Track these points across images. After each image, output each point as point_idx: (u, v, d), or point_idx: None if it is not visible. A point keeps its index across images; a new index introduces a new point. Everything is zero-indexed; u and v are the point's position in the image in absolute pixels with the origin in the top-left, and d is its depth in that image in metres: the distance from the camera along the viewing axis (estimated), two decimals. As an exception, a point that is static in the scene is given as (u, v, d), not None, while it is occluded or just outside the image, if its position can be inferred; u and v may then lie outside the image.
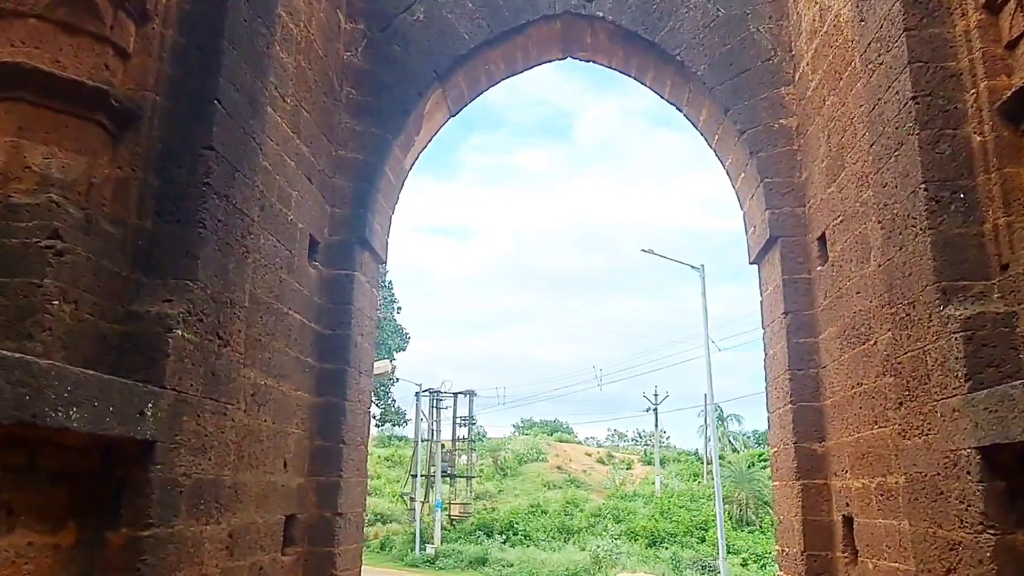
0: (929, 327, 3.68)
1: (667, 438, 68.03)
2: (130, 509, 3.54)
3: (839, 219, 5.74)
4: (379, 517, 46.08)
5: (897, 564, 4.78)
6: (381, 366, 22.72)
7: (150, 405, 3.51)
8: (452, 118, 7.49)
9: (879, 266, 4.90)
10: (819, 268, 6.28)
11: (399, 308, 36.78)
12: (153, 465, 3.56)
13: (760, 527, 36.94)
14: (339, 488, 6.26)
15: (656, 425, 50.13)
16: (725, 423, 67.75)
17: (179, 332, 3.71)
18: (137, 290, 3.79)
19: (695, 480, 50.79)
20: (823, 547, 5.94)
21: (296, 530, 5.98)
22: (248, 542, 5.00)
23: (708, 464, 53.29)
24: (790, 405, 6.29)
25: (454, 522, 40.77)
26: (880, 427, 5.02)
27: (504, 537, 37.76)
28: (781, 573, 6.52)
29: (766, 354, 7.15)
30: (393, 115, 6.81)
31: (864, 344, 5.30)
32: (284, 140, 5.54)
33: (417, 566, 35.11)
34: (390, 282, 36.44)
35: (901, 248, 3.95)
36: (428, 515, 39.06)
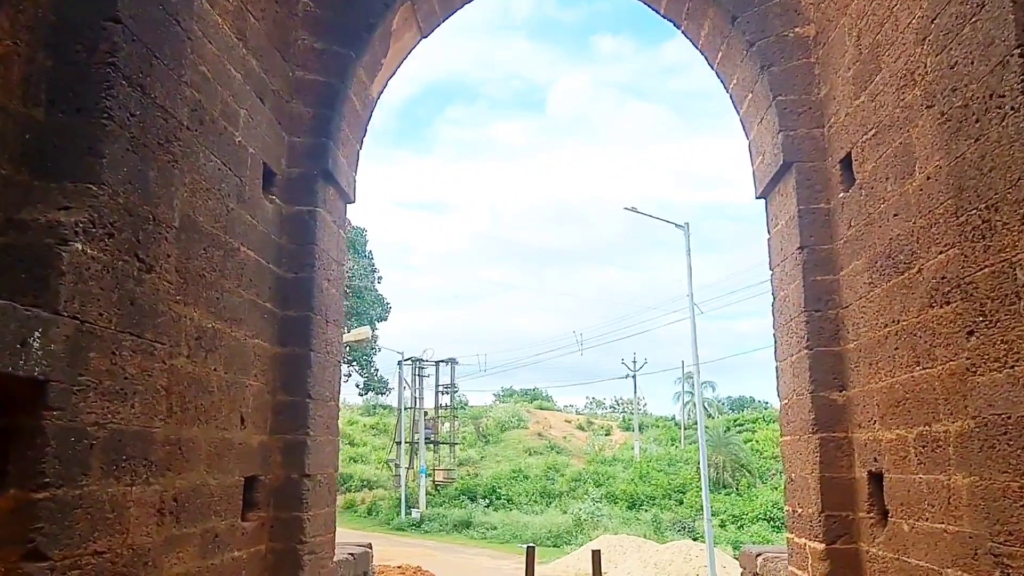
0: (1022, 232, 2.86)
1: (644, 405, 67.84)
2: (19, 465, 2.67)
3: (871, 133, 4.90)
4: (365, 483, 45.53)
5: (944, 525, 4.01)
6: (361, 332, 21.84)
7: (37, 334, 2.63)
8: (423, 40, 6.54)
9: (931, 176, 4.08)
10: (841, 195, 5.45)
11: (380, 278, 35.83)
12: (47, 410, 2.69)
13: (737, 490, 36.68)
14: (306, 447, 5.41)
15: (635, 391, 49.65)
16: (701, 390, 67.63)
17: (78, 246, 2.82)
18: (24, 195, 2.89)
19: (672, 445, 50.58)
20: (844, 507, 5.18)
21: (259, 493, 5.13)
22: (198, 507, 4.15)
23: (686, 429, 53.11)
24: (806, 351, 5.49)
25: (438, 487, 40.28)
26: (925, 368, 4.22)
27: (487, 501, 37.33)
28: (792, 536, 5.77)
29: (775, 297, 6.35)
30: (357, 31, 5.87)
31: (903, 274, 4.49)
32: (228, 47, 4.60)
33: (403, 530, 34.58)
34: (370, 252, 35.46)
35: (978, 140, 3.12)
36: (413, 481, 38.50)
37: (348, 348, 32.82)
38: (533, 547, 7.38)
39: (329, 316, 5.96)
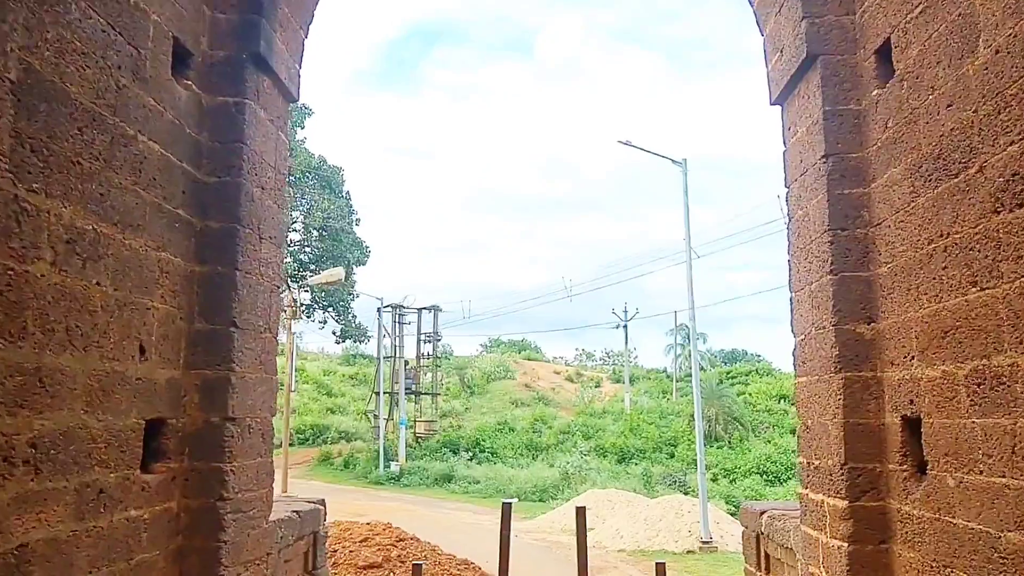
0: None
1: (635, 357, 67.68)
2: None
3: (917, 10, 4.10)
4: (343, 435, 45.22)
5: (1005, 480, 3.33)
6: (333, 273, 21.06)
7: None
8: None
9: (1001, 49, 3.30)
10: (875, 92, 4.67)
11: (358, 220, 34.85)
12: None
13: (729, 443, 36.57)
14: (229, 385, 4.67)
15: (626, 342, 49.26)
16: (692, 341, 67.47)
17: None
18: None
19: (664, 397, 50.46)
20: (871, 458, 4.50)
21: (169, 440, 4.40)
22: (72, 455, 3.41)
23: (677, 382, 52.95)
24: (829, 276, 4.76)
25: (419, 440, 39.96)
26: (985, 288, 3.50)
27: (471, 454, 37.06)
28: (807, 491, 5.11)
29: (791, 219, 5.60)
30: None
31: (957, 177, 3.74)
32: None
33: (382, 484, 34.28)
34: (348, 192, 34.43)
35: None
36: (392, 433, 38.13)
37: (322, 292, 32.10)
38: (510, 504, 6.75)
39: (263, 231, 5.17)
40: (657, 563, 7.20)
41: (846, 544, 4.47)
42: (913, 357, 4.17)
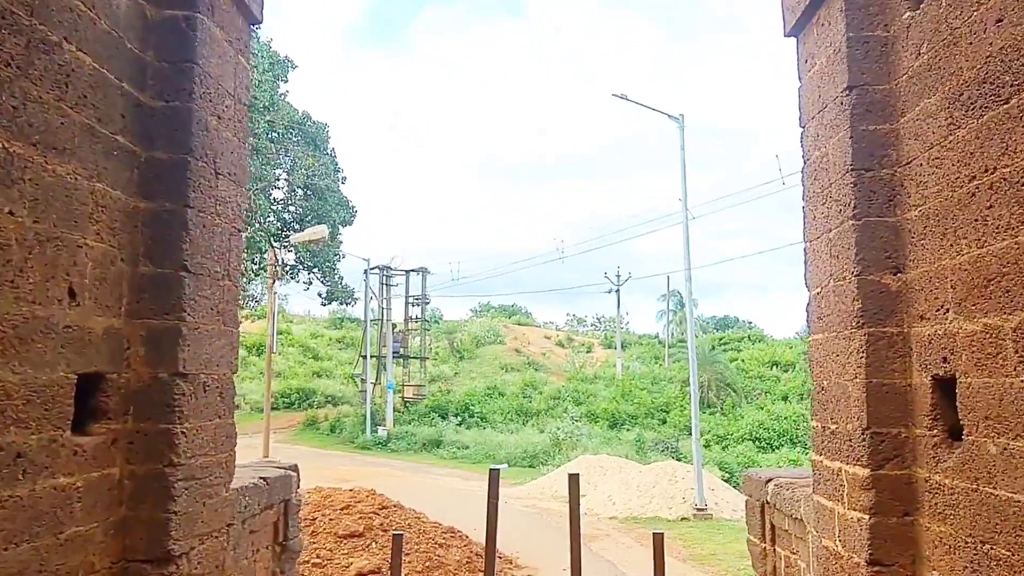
0: None
1: (627, 323, 67.47)
2: None
3: (964, -91, 3.61)
4: (330, 399, 44.97)
5: (1061, 446, 2.92)
6: (317, 231, 20.52)
7: None
8: None
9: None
10: (906, 16, 4.18)
11: (344, 178, 34.12)
12: None
13: (721, 410, 36.46)
14: (180, 337, 4.21)
15: (618, 306, 48.94)
16: (684, 308, 67.32)
17: None
18: None
19: (656, 363, 50.34)
20: (896, 422, 4.10)
21: (109, 397, 3.95)
22: (-19, 413, 2.96)
23: (670, 347, 52.81)
24: (851, 222, 4.31)
25: (408, 404, 39.71)
26: (1042, 226, 3.06)
27: (460, 419, 36.83)
28: (821, 458, 4.72)
29: (806, 161, 5.13)
30: None
31: (1007, 102, 3.28)
32: None
33: (369, 449, 34.05)
34: (333, 150, 33.68)
35: None
36: (380, 397, 37.85)
37: (307, 252, 31.55)
38: (498, 470, 6.39)
39: (220, 165, 4.67)
40: (655, 533, 6.83)
41: (867, 516, 4.09)
42: (948, 310, 3.74)
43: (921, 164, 4.02)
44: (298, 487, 6.68)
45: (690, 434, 31.66)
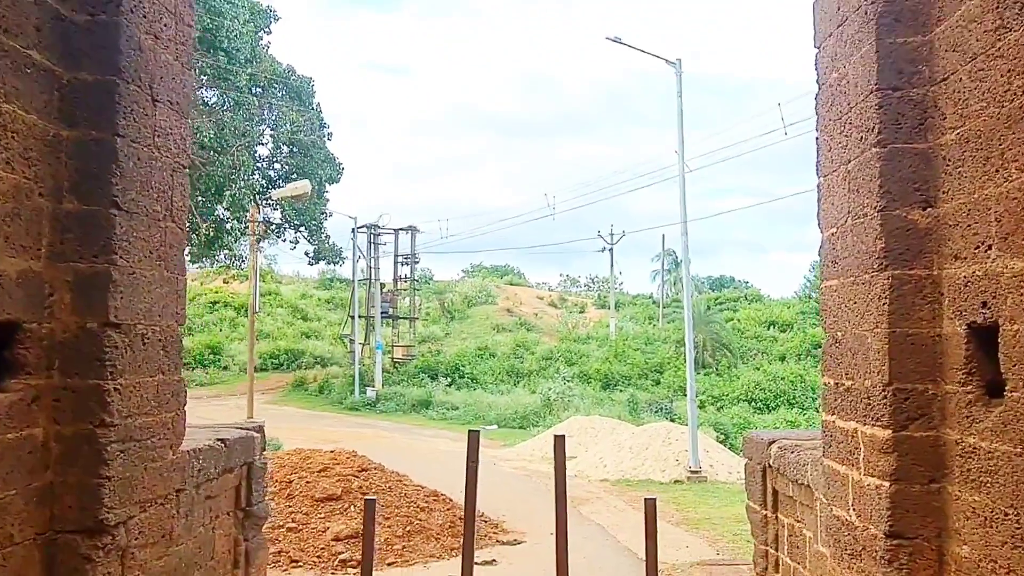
0: None
1: (620, 284, 67.09)
2: None
3: None
4: (318, 360, 44.62)
5: None
6: (299, 187, 19.90)
7: None
8: None
9: None
10: (942, -96, 3.66)
11: (330, 134, 33.32)
12: None
13: (717, 370, 36.23)
14: (110, 282, 3.73)
15: (611, 265, 48.53)
16: (679, 267, 66.96)
17: None
18: None
19: (650, 323, 50.06)
20: (922, 376, 3.66)
21: (27, 350, 3.48)
22: None
23: (664, 307, 52.52)
24: (875, 150, 3.83)
25: (397, 365, 39.38)
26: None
27: (449, 380, 36.54)
28: (833, 418, 4.28)
29: (821, 85, 4.62)
30: None
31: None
32: None
33: (357, 410, 33.77)
34: (318, 104, 32.83)
35: None
36: (368, 358, 37.50)
37: (292, 210, 30.92)
38: (477, 432, 5.96)
39: (158, 92, 4.14)
40: (647, 499, 6.44)
41: (887, 483, 3.66)
42: (990, 247, 3.27)
43: (960, 79, 3.52)
44: (263, 449, 6.25)
45: (684, 395, 31.48)
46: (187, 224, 4.53)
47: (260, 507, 6.09)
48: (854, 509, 4.01)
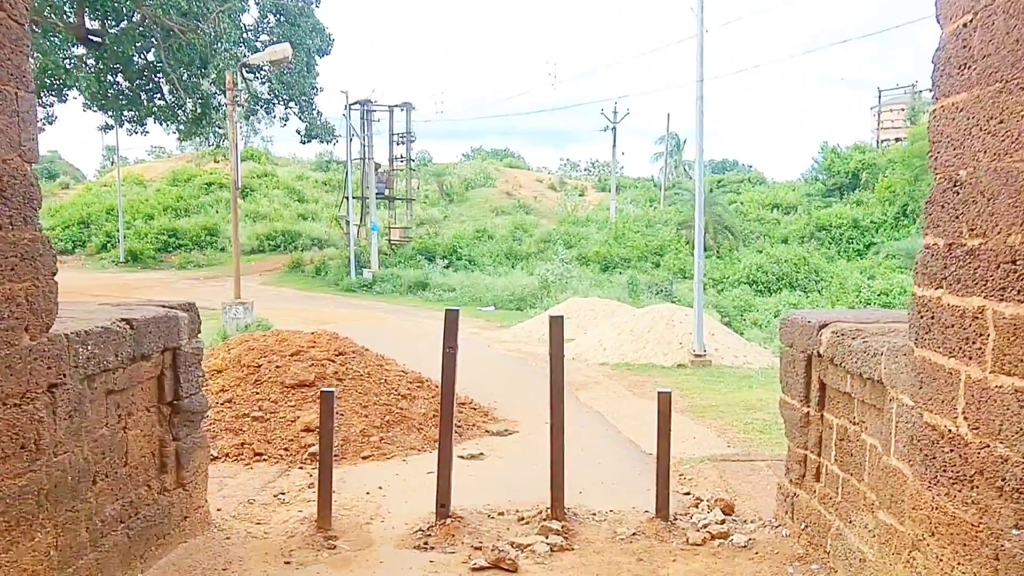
0: None
1: (622, 168, 65.08)
2: None
3: None
4: (315, 242, 43.39)
5: None
6: (278, 51, 18.13)
7: None
8: None
9: None
10: None
11: (318, 1, 30.92)
12: None
13: (718, 253, 35.04)
14: None
15: (613, 146, 46.63)
16: (682, 150, 64.82)
17: None
18: None
19: (651, 206, 48.57)
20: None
21: None
22: None
23: (666, 190, 50.87)
24: None
25: (394, 247, 38.21)
26: None
27: (447, 262, 35.43)
28: (935, 292, 3.03)
29: None
30: None
31: None
32: None
33: (354, 291, 32.78)
34: (307, -33, 30.29)
35: None
36: (365, 239, 36.27)
37: (281, 83, 28.99)
38: (456, 311, 4.83)
39: None
40: (660, 392, 5.34)
41: (1036, 385, 2.45)
42: None
43: None
44: (196, 332, 5.04)
45: (684, 277, 30.40)
46: (27, 21, 3.14)
47: (194, 401, 4.94)
48: (966, 418, 2.81)
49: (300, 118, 32.74)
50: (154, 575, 4.39)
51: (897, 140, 47.68)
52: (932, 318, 3.07)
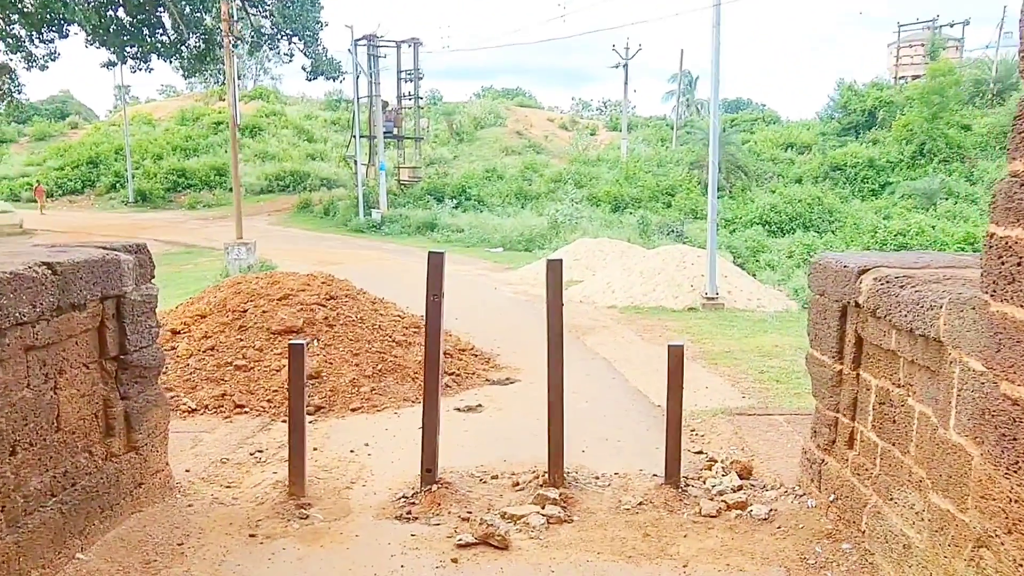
0: None
1: (633, 107, 63.44)
2: None
3: None
4: (324, 182, 42.60)
5: None
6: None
7: None
8: None
9: None
10: None
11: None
12: None
13: (730, 193, 34.05)
14: None
15: (625, 84, 45.20)
16: (694, 88, 62.98)
17: None
18: None
19: (663, 145, 47.31)
20: None
21: None
22: None
23: (678, 129, 49.52)
24: None
25: (403, 187, 37.37)
26: None
27: (456, 202, 34.60)
28: (1019, 233, 2.36)
29: None
30: None
31: None
32: None
33: (362, 232, 32.11)
34: None
35: None
36: (373, 179, 35.43)
37: (283, 17, 27.88)
38: (441, 254, 4.22)
39: None
40: (671, 345, 4.72)
41: None
42: None
43: None
44: (148, 277, 4.41)
45: (696, 217, 29.51)
46: None
47: (145, 354, 4.34)
48: (1067, 395, 2.16)
49: (305, 54, 31.65)
50: (97, 553, 3.84)
51: (915, 77, 45.90)
52: (1017, 264, 2.39)
